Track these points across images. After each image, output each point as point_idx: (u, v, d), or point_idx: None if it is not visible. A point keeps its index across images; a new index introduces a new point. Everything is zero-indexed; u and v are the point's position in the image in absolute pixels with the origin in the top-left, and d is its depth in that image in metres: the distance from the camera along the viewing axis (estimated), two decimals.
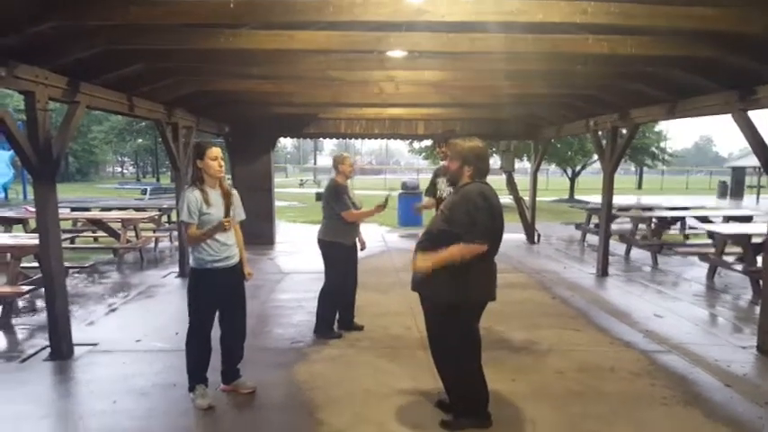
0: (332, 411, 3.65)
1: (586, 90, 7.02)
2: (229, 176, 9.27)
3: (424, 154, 25.41)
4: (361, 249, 5.31)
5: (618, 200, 9.81)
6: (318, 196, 21.18)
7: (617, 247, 10.05)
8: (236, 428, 3.46)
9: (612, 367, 4.46)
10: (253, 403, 3.80)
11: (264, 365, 4.39)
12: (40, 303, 6.15)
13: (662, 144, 27.52)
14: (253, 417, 3.63)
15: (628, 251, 10.01)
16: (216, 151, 3.56)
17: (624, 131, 7.90)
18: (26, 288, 5.73)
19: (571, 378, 4.24)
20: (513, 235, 10.03)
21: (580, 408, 3.73)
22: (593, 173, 33.07)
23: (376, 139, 11.37)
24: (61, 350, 4.60)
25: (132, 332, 5.26)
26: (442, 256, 3.07)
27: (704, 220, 10.20)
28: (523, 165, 24.45)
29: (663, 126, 27.15)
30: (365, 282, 5.44)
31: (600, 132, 8.48)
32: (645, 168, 32.31)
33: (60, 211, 4.84)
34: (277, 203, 11.96)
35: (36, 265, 6.42)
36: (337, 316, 5.25)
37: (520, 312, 5.90)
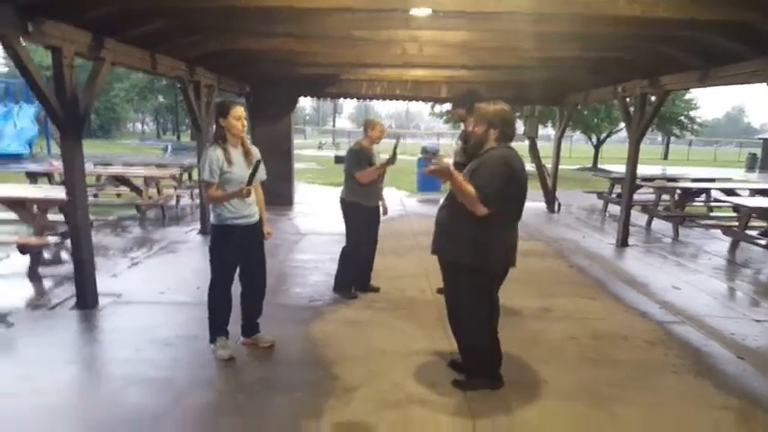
0: (347, 368, 3.74)
1: (616, 53, 6.81)
2: (249, 137, 9.29)
3: (445, 118, 25.12)
4: (384, 214, 5.33)
5: (642, 170, 9.64)
6: (337, 159, 21.21)
7: (639, 217, 9.92)
8: (256, 380, 3.56)
9: (627, 336, 4.48)
10: (271, 357, 3.92)
11: (283, 322, 4.50)
12: (65, 255, 6.34)
13: (691, 113, 26.74)
14: (271, 369, 3.74)
15: (649, 222, 9.88)
16: (240, 110, 3.57)
17: (653, 99, 7.68)
18: (53, 239, 5.90)
19: (585, 345, 4.27)
20: (533, 203, 9.94)
21: (593, 373, 3.78)
22: (618, 141, 32.41)
23: (397, 100, 11.21)
24: (86, 300, 4.77)
25: (155, 285, 5.41)
26: (464, 184, 3.03)
27: (730, 192, 9.97)
28: (547, 131, 24.07)
29: (693, 94, 26.35)
30: (383, 245, 5.48)
31: (628, 99, 8.26)
32: (672, 138, 31.57)
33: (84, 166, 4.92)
34: (296, 165, 11.99)
35: (61, 217, 6.57)
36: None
37: (537, 280, 5.91)
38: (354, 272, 5.25)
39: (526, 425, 3.10)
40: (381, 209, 5.29)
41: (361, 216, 5.05)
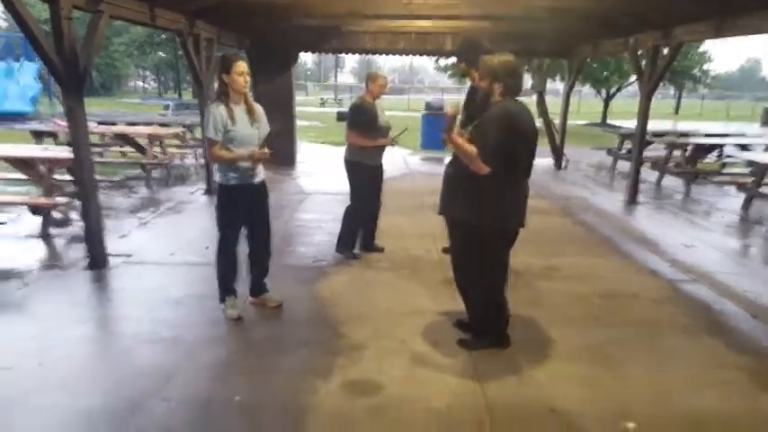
0: (353, 326, 3.76)
1: (628, 3, 6.54)
2: (251, 93, 9.12)
3: (450, 72, 24.58)
4: (392, 145, 5.02)
5: (653, 125, 9.47)
6: (340, 116, 20.83)
7: (649, 174, 9.79)
8: (264, 338, 3.59)
9: (636, 294, 4.46)
10: (279, 316, 3.94)
11: (289, 281, 4.51)
12: (74, 215, 6.33)
13: (705, 66, 26.06)
14: (279, 328, 3.76)
15: (660, 179, 9.75)
16: (242, 65, 3.45)
17: (665, 51, 7.45)
18: (62, 200, 5.88)
19: (594, 304, 4.26)
20: (540, 159, 9.81)
21: (601, 332, 3.76)
22: (628, 96, 31.74)
23: (401, 54, 10.88)
24: (97, 260, 4.79)
25: (164, 245, 5.41)
26: (463, 144, 3.01)
27: (744, 148, 9.80)
28: (555, 86, 23.57)
29: (706, 46, 25.60)
30: (387, 204, 5.42)
31: (639, 52, 8.01)
32: (684, 92, 30.89)
33: (88, 124, 4.85)
34: (298, 123, 11.80)
35: (68, 177, 6.53)
36: (359, 237, 5.31)
37: (544, 238, 5.87)
38: (357, 232, 5.20)
39: (534, 385, 3.10)
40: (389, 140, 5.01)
41: (365, 175, 4.95)
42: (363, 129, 4.80)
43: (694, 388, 3.12)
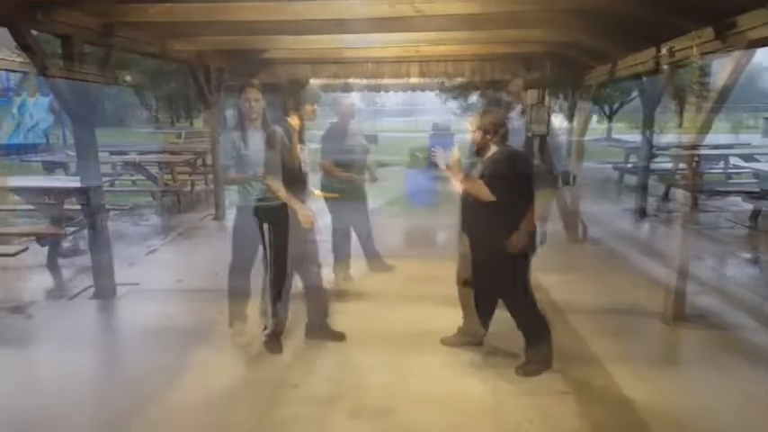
0: (364, 349, 3.75)
1: (622, 22, 6.59)
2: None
3: (453, 94, 24.72)
4: (373, 182, 5.30)
5: (657, 138, 9.47)
6: None
7: (655, 187, 9.75)
8: (273, 365, 3.58)
9: (648, 309, 4.43)
10: (289, 340, 3.90)
11: (300, 303, 4.48)
12: (83, 245, 6.39)
13: (704, 80, 26.12)
14: (289, 353, 3.73)
15: (667, 191, 9.70)
16: (248, 92, 3.56)
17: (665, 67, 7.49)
18: (70, 230, 5.93)
19: (606, 319, 4.24)
20: None
21: (618, 349, 3.72)
22: (631, 111, 31.71)
23: (404, 78, 11.01)
24: (105, 289, 4.79)
25: (173, 272, 5.45)
26: (468, 180, 3.35)
27: (749, 158, 9.79)
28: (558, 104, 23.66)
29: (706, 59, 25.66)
30: (394, 223, 5.46)
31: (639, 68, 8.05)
32: (686, 106, 30.97)
33: (99, 154, 4.93)
34: (308, 146, 11.89)
35: (78, 207, 6.60)
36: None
37: (554, 254, 5.83)
38: (346, 255, 5.24)
39: (549, 404, 3.06)
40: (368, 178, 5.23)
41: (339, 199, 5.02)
42: (327, 154, 4.94)
43: (717, 406, 3.06)
